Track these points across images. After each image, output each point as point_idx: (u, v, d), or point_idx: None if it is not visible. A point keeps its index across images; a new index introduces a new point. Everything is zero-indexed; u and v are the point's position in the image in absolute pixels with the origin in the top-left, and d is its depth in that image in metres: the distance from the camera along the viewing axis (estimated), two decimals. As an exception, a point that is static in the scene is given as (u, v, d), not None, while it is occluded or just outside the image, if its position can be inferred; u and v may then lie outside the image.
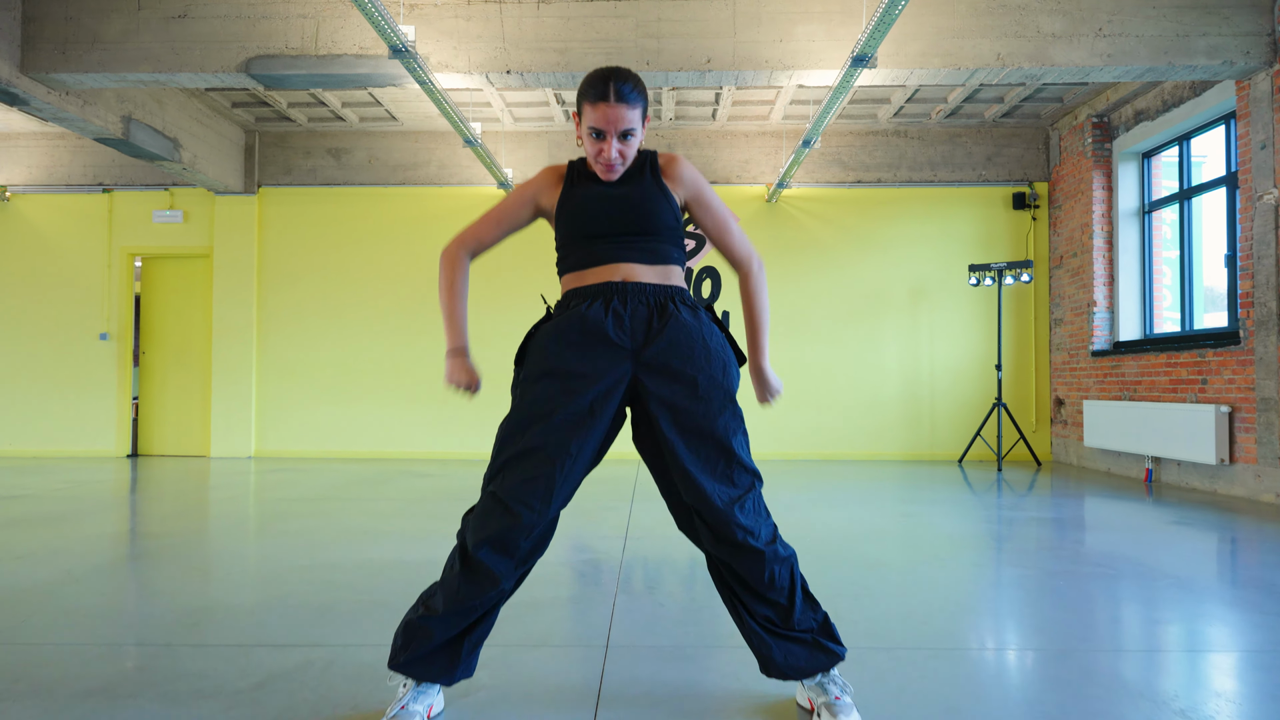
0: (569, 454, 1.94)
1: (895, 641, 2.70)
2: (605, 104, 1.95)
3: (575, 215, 2.05)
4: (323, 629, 2.82)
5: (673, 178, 2.07)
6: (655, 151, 2.12)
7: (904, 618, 2.98)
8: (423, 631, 1.97)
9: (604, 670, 2.42)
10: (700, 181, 2.10)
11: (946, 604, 3.19)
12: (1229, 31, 5.90)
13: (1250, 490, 6.07)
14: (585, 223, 2.03)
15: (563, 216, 2.07)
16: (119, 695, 2.22)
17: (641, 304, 2.00)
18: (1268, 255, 5.93)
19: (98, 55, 6.03)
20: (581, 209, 2.04)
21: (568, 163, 2.14)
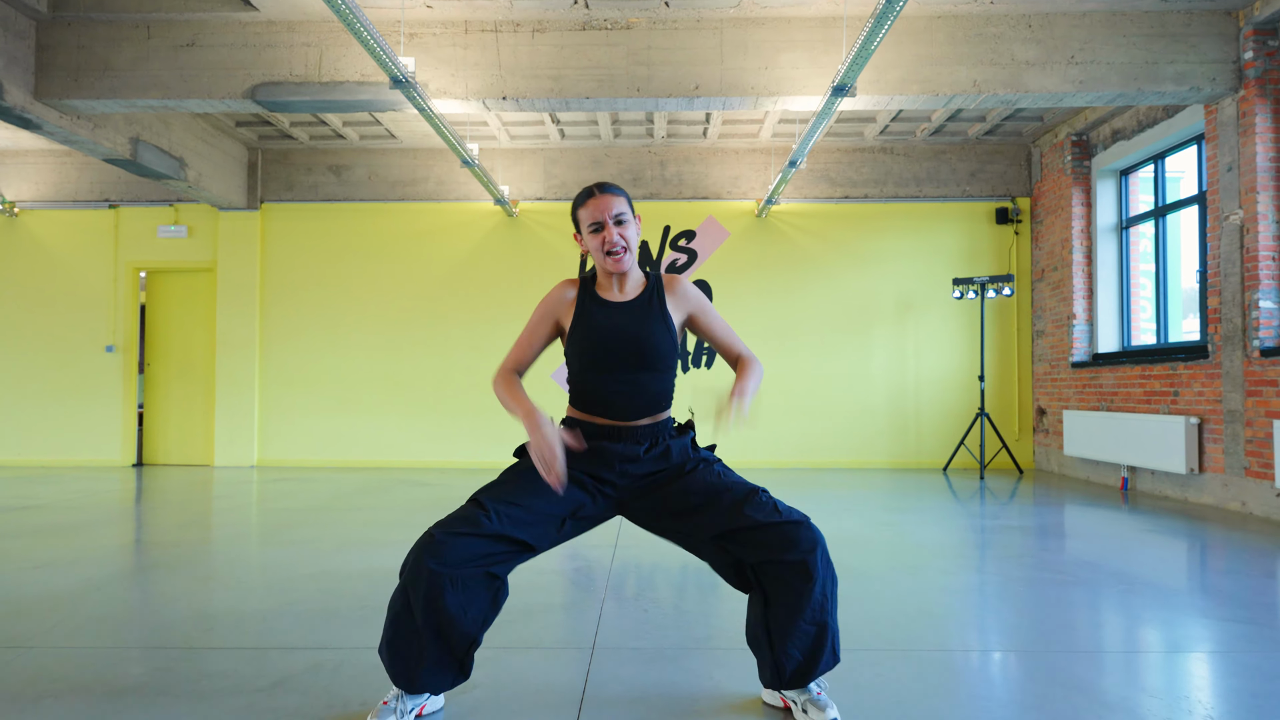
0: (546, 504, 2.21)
1: (862, 644, 2.92)
2: (594, 198, 2.27)
3: (586, 348, 2.29)
4: (330, 633, 3.05)
5: (675, 294, 2.36)
6: (660, 275, 2.40)
7: (872, 622, 3.21)
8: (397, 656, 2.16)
9: (589, 671, 2.65)
10: (701, 298, 2.40)
11: (913, 609, 3.42)
12: (1196, 59, 6.15)
13: (1218, 499, 6.31)
14: (596, 357, 2.28)
15: (575, 342, 2.31)
16: (151, 693, 2.45)
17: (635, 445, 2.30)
18: (1233, 273, 6.18)
19: (109, 82, 6.27)
20: (591, 342, 2.29)
21: (580, 279, 2.39)
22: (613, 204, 2.26)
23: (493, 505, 2.15)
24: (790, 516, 2.21)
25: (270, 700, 2.38)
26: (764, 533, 2.18)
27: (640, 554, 4.49)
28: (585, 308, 2.32)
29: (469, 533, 2.10)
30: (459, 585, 2.09)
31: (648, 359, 2.29)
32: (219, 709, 2.31)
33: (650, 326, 2.30)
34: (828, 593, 2.22)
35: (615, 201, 2.27)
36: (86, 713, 2.30)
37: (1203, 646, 2.94)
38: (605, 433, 2.30)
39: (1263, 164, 5.94)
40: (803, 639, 2.20)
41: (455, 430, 9.30)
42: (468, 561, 2.10)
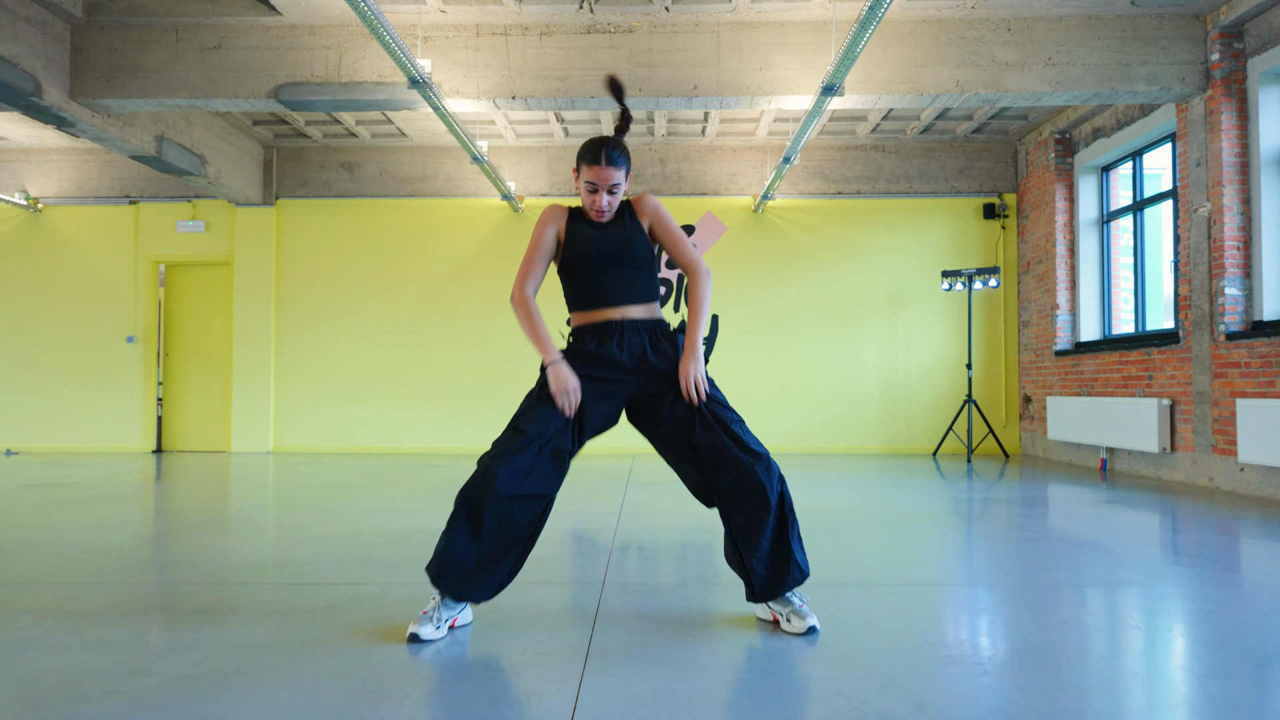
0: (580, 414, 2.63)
1: (847, 580, 3.29)
2: (598, 166, 2.63)
3: (578, 250, 2.70)
4: (368, 573, 3.42)
5: (640, 211, 2.75)
6: (629, 199, 2.78)
7: (857, 565, 3.58)
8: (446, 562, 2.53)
9: (600, 598, 3.02)
10: (659, 208, 2.76)
11: (895, 556, 3.79)
12: (1166, 61, 6.52)
13: (1188, 475, 6.68)
14: (586, 257, 2.68)
15: (569, 249, 2.71)
16: (221, 614, 2.82)
17: (637, 338, 2.69)
18: (1201, 263, 6.55)
19: (139, 83, 6.63)
20: (582, 246, 2.69)
21: (568, 208, 2.78)
22: (611, 177, 2.63)
23: (528, 425, 2.54)
24: (753, 448, 2.59)
25: (324, 619, 2.75)
26: (729, 458, 2.57)
27: (643, 519, 4.85)
28: (576, 226, 2.72)
29: (519, 448, 2.50)
30: (516, 503, 2.49)
31: (630, 258, 2.68)
32: (281, 625, 2.68)
33: (629, 235, 2.70)
34: (785, 513, 2.62)
35: (614, 175, 2.63)
36: (168, 627, 2.67)
37: (1138, 580, 3.30)
38: (609, 330, 2.66)
39: (1228, 159, 6.31)
40: (764, 556, 2.60)
41: (463, 416, 9.67)
42: (522, 479, 2.49)
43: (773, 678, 2.22)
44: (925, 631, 2.65)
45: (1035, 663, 2.34)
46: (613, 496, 5.83)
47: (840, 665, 2.30)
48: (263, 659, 2.34)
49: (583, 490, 6.08)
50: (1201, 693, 2.13)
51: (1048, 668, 2.30)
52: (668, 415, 2.66)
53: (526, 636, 2.59)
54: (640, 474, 7.27)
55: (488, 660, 2.37)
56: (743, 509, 2.60)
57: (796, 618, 2.58)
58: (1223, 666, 2.30)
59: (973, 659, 2.37)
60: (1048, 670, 2.28)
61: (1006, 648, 2.49)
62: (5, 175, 9.87)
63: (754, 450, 2.60)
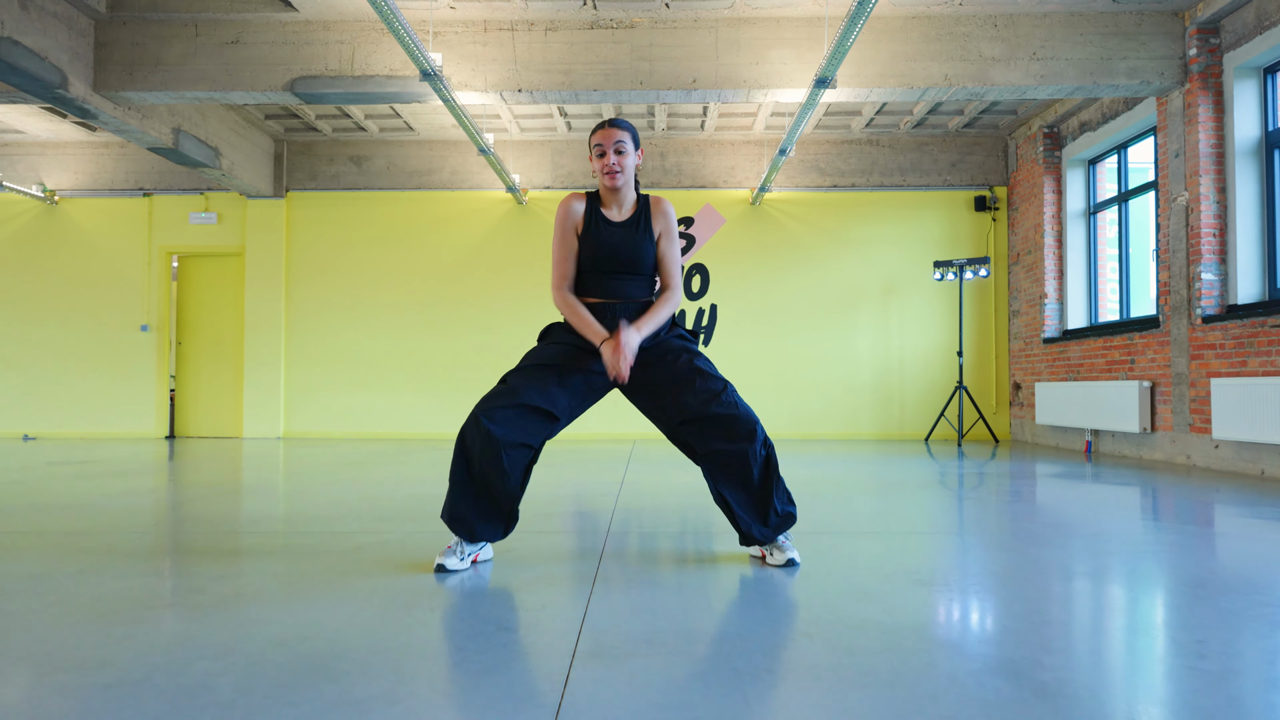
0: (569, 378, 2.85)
1: (837, 529, 3.56)
2: (603, 129, 2.90)
3: (591, 253, 2.92)
4: (392, 523, 3.70)
5: (656, 214, 2.97)
6: (649, 196, 3.01)
7: (848, 517, 3.85)
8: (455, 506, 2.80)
9: (605, 542, 3.30)
10: (672, 220, 2.99)
11: (883, 511, 4.06)
12: (1146, 55, 6.80)
13: (1168, 454, 6.96)
14: (597, 260, 2.91)
15: (583, 247, 2.93)
16: (260, 554, 3.09)
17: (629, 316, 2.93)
18: (1180, 249, 6.82)
19: (160, 76, 6.91)
20: (596, 250, 2.91)
21: (586, 194, 2.98)
22: (616, 135, 2.88)
23: (518, 382, 2.78)
24: (737, 412, 2.80)
25: (355, 557, 3.02)
26: (713, 428, 2.80)
27: (644, 491, 5.12)
28: (592, 223, 2.92)
29: (507, 404, 2.74)
30: (505, 449, 2.71)
31: (636, 266, 2.93)
32: (317, 562, 2.95)
33: (640, 245, 2.93)
34: (770, 473, 2.84)
35: (619, 134, 2.88)
36: (212, 563, 2.94)
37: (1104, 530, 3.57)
38: (603, 311, 2.89)
39: (1204, 150, 6.58)
40: (750, 510, 2.86)
41: (468, 403, 9.91)
42: (510, 428, 2.71)
43: (761, 594, 2.50)
44: (901, 564, 2.92)
45: (997, 584, 2.62)
46: (615, 471, 6.10)
47: (823, 586, 2.58)
48: (305, 583, 2.62)
49: (586, 467, 6.36)
50: (1140, 605, 2.41)
51: (1007, 587, 2.57)
52: (656, 386, 2.88)
53: (541, 567, 2.86)
54: (641, 455, 7.55)
55: (506, 583, 2.64)
56: (728, 472, 2.84)
57: (778, 551, 2.85)
58: (1163, 585, 2.58)
59: (941, 582, 2.65)
60: (1008, 589, 2.55)
61: (973, 574, 2.77)
62: (23, 168, 10.14)
63: (741, 418, 2.79)
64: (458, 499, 2.80)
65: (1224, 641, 2.02)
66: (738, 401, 2.85)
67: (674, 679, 1.77)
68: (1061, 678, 1.78)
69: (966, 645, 2.02)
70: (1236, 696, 1.69)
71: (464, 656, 1.94)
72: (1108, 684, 1.76)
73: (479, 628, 2.15)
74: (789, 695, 1.69)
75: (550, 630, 2.13)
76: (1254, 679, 1.79)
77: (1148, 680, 1.83)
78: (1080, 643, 2.08)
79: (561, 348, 2.88)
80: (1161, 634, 2.13)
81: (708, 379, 2.85)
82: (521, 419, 2.75)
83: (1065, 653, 1.95)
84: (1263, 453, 5.93)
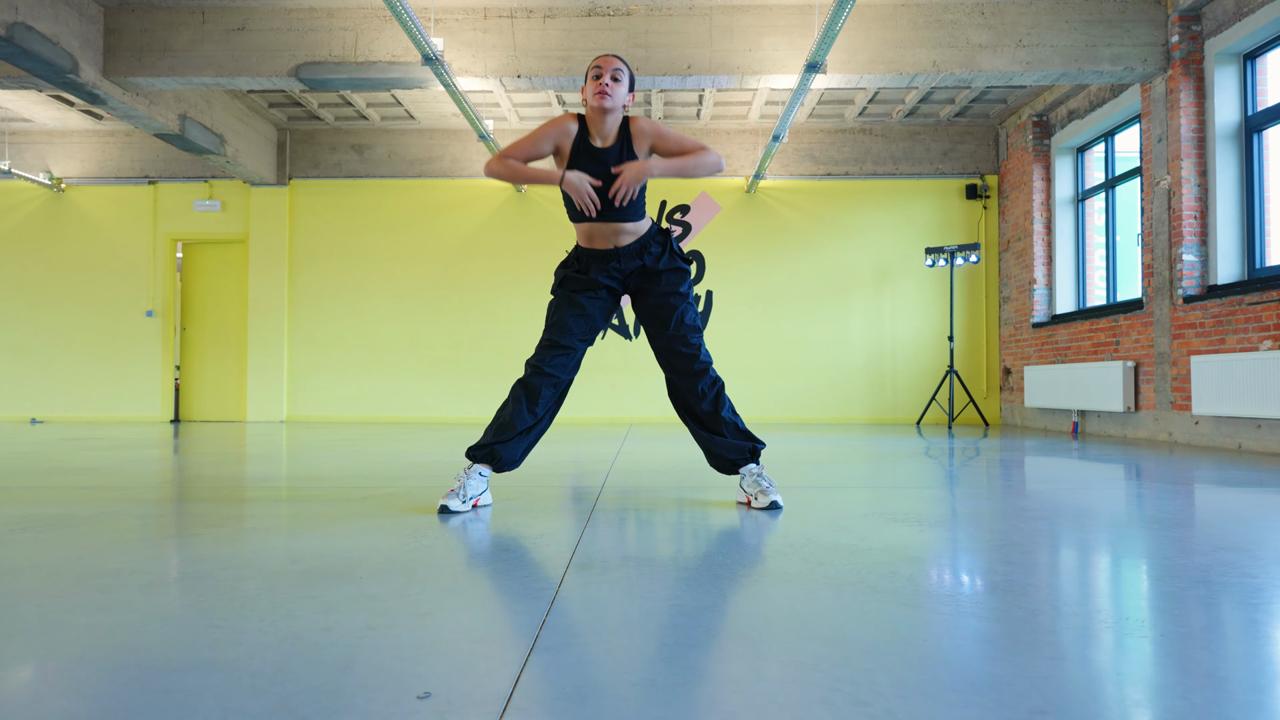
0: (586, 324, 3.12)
1: (829, 484, 3.73)
2: (602, 56, 3.03)
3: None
4: (396, 480, 3.87)
5: (637, 134, 3.08)
6: (628, 118, 3.10)
7: (838, 476, 4.02)
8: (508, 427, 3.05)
9: (602, 490, 3.47)
10: (657, 126, 3.09)
11: (871, 474, 4.24)
12: (1130, 42, 6.97)
13: (1150, 431, 7.14)
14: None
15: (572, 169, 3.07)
16: (267, 501, 3.27)
17: (631, 260, 3.11)
18: (1163, 232, 7.00)
19: (168, 61, 7.07)
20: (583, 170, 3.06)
21: (578, 116, 3.09)
22: (615, 63, 3.01)
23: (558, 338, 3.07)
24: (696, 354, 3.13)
25: (361, 505, 3.19)
26: (677, 359, 3.13)
27: (639, 458, 5.30)
28: (580, 150, 3.05)
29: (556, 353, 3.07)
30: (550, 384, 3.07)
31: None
32: (323, 508, 3.12)
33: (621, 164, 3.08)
34: (718, 407, 3.15)
35: (618, 63, 3.01)
36: (225, 507, 3.11)
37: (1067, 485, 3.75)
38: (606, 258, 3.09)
39: (1186, 135, 6.75)
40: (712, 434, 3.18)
41: (468, 387, 10.11)
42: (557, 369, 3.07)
43: (745, 528, 2.67)
44: (879, 508, 3.10)
45: (968, 522, 2.79)
46: (611, 445, 6.28)
47: (802, 522, 2.75)
48: (316, 521, 2.79)
49: (583, 442, 6.53)
50: (1090, 536, 2.58)
51: (977, 524, 2.75)
52: (650, 317, 3.16)
53: (539, 507, 3.03)
54: (637, 433, 7.72)
55: (506, 520, 2.81)
56: (682, 393, 3.21)
57: (762, 495, 3.04)
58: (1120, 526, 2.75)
59: (914, 519, 2.82)
60: (978, 525, 2.73)
61: (947, 515, 2.94)
62: (30, 156, 10.31)
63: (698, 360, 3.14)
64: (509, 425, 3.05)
65: (1174, 563, 2.20)
66: (700, 345, 3.15)
67: (659, 583, 1.94)
68: (1017, 578, 1.95)
69: (929, 559, 2.19)
70: (1182, 600, 1.86)
71: (467, 568, 2.11)
72: (1063, 582, 1.93)
73: (481, 548, 2.33)
74: (764, 593, 1.86)
75: (547, 550, 2.30)
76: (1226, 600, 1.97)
77: (1099, 580, 2.00)
78: (1041, 558, 2.25)
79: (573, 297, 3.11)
80: (1114, 551, 2.31)
81: (685, 329, 3.13)
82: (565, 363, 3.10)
83: (1024, 565, 2.12)
84: (1240, 427, 6.11)
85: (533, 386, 3.06)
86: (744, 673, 1.34)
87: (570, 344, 3.09)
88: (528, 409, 3.05)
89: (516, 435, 3.06)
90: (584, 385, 9.77)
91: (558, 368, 3.08)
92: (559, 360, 3.08)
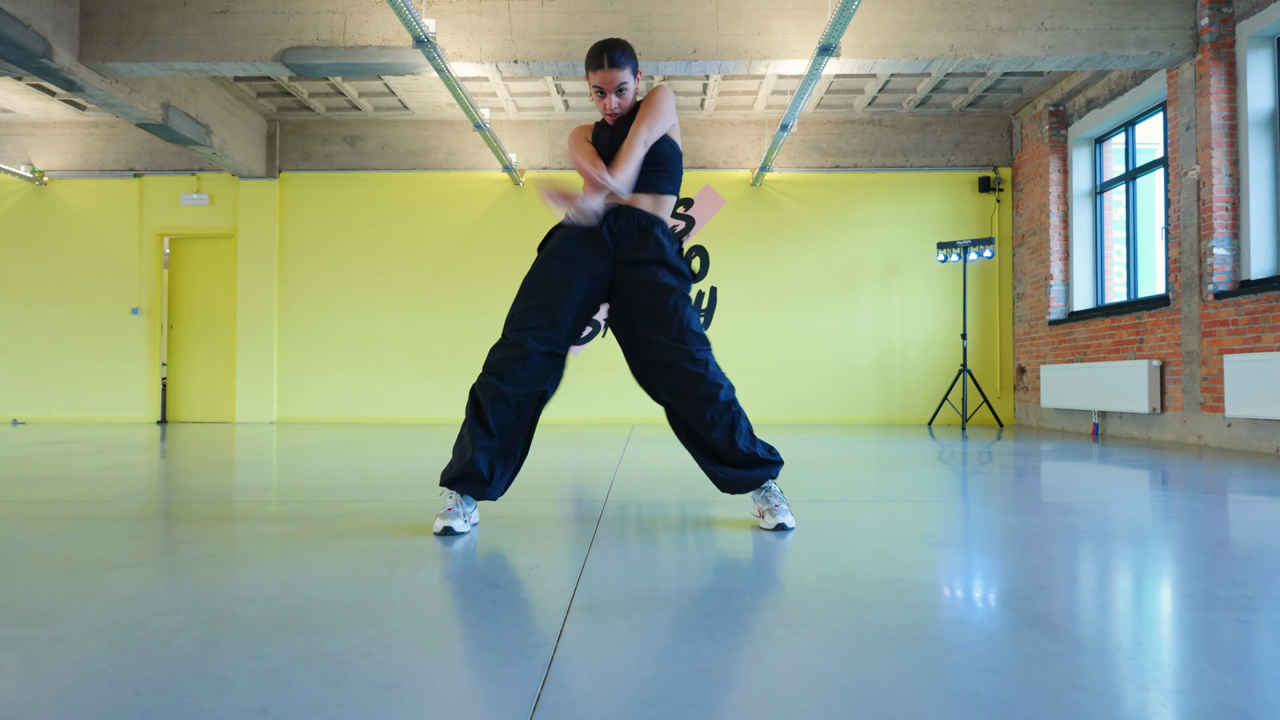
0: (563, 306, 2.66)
1: (844, 498, 3.41)
2: (601, 70, 2.69)
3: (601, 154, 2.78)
4: (379, 493, 3.54)
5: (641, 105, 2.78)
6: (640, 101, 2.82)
7: (855, 487, 3.70)
8: (463, 447, 2.67)
9: (604, 506, 3.14)
10: (650, 98, 2.72)
11: (888, 483, 3.91)
12: (1157, 25, 6.63)
13: (1178, 434, 6.81)
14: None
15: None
16: (239, 519, 2.94)
17: (630, 224, 2.72)
18: (1191, 224, 6.66)
19: (148, 46, 6.73)
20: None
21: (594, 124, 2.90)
22: (615, 79, 2.69)
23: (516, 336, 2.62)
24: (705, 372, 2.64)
25: (343, 522, 2.86)
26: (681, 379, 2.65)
27: (642, 465, 4.97)
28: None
29: (513, 358, 2.61)
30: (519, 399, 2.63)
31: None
32: (305, 525, 2.79)
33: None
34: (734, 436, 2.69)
35: (618, 76, 2.69)
36: (188, 526, 2.78)
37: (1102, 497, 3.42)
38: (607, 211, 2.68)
39: (1216, 122, 6.42)
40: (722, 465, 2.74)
41: (464, 387, 9.75)
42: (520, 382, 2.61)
43: (765, 554, 2.34)
44: (917, 525, 2.77)
45: (1014, 546, 2.46)
46: (613, 450, 5.95)
47: (831, 547, 2.42)
48: (282, 546, 2.46)
49: (584, 446, 6.20)
50: (1170, 565, 2.26)
51: (1025, 548, 2.42)
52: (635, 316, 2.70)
53: (534, 530, 2.71)
54: (639, 437, 7.39)
55: (497, 545, 2.48)
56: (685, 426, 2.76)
57: (770, 515, 2.70)
58: (1191, 547, 2.43)
59: (959, 542, 2.49)
60: (1027, 549, 2.40)
61: (988, 536, 2.61)
62: (11, 148, 9.97)
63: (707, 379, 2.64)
64: (468, 453, 2.64)
65: (1261, 594, 1.87)
66: (709, 360, 2.69)
67: (678, 633, 1.61)
68: (1102, 631, 1.62)
69: (995, 601, 1.87)
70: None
71: (449, 612, 1.79)
72: (1153, 638, 1.61)
73: (466, 585, 2.00)
74: (807, 649, 1.53)
75: (543, 587, 1.98)
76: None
77: (1193, 633, 1.68)
78: (1117, 599, 1.93)
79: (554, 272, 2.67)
80: (1199, 588, 1.98)
81: (689, 335, 2.69)
82: (529, 368, 2.63)
83: (1102, 609, 1.80)
84: (1278, 430, 5.78)
85: (479, 402, 2.64)
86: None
87: (520, 342, 2.60)
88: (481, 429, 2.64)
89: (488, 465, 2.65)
90: (584, 385, 9.44)
91: (506, 378, 2.60)
92: (507, 366, 2.61)
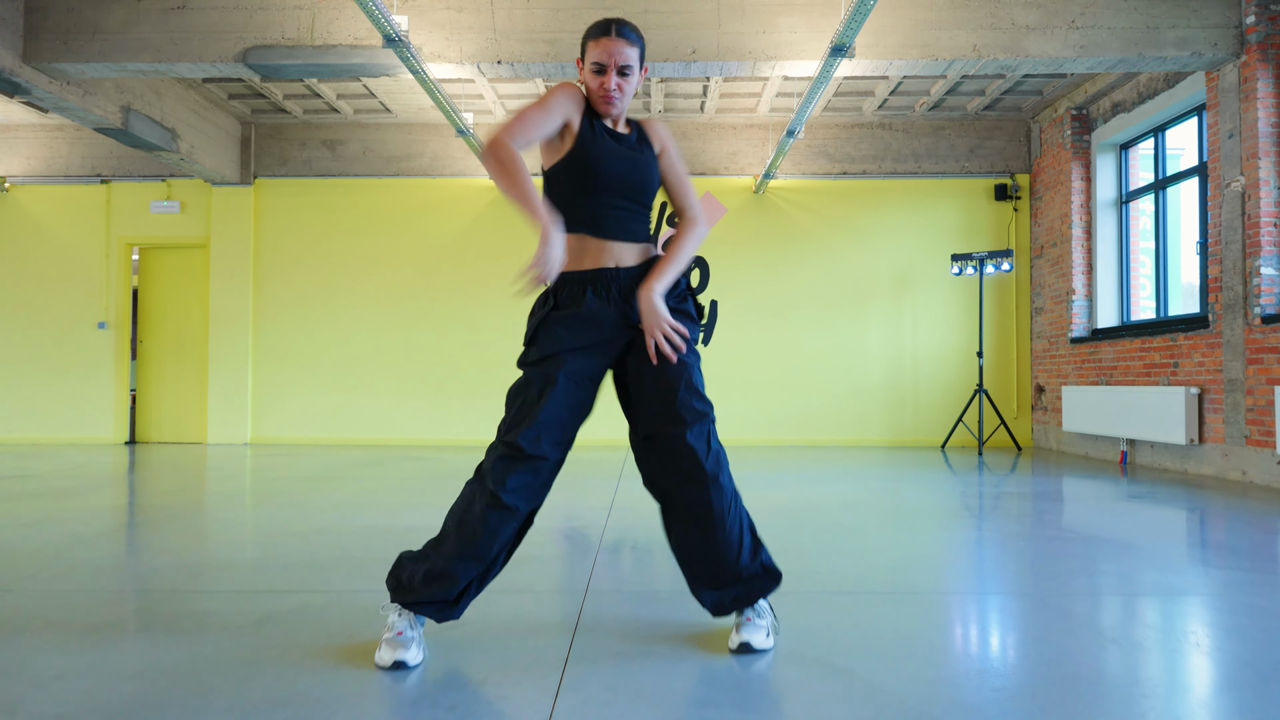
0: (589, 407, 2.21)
1: (860, 588, 2.87)
2: (607, 38, 2.15)
3: (596, 159, 2.18)
4: (319, 578, 3.00)
5: (651, 135, 2.31)
6: (639, 121, 2.33)
7: (870, 569, 3.16)
8: (446, 576, 2.12)
9: (582, 609, 2.60)
10: (671, 138, 2.34)
11: (911, 558, 3.37)
12: (1198, 24, 6.08)
13: (1218, 469, 6.27)
14: (602, 173, 2.18)
15: (583, 149, 2.19)
16: (128, 631, 2.39)
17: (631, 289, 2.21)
18: (1234, 241, 6.12)
19: (99, 45, 6.18)
20: (601, 156, 2.19)
21: (582, 87, 2.26)
22: (623, 52, 2.16)
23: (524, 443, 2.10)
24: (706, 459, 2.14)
25: (254, 635, 2.32)
26: (679, 458, 2.14)
27: (633, 515, 4.43)
28: (594, 129, 2.22)
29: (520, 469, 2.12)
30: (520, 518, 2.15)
31: (642, 191, 2.25)
32: (199, 644, 2.25)
33: (648, 163, 2.27)
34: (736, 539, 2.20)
35: (626, 51, 2.17)
36: (60, 648, 2.24)
37: (1200, 590, 2.88)
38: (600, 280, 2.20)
39: (1264, 129, 5.88)
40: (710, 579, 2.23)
41: (450, 407, 9.24)
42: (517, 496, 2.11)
43: (806, 686, 1.80)
44: (947, 644, 2.23)
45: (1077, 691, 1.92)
46: (603, 490, 5.41)
47: (849, 688, 1.88)
48: (165, 689, 1.91)
49: (573, 483, 5.65)
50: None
51: (1094, 690, 1.88)
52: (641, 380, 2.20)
53: (502, 639, 2.16)
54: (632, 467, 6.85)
55: (452, 670, 1.94)
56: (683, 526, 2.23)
57: (740, 629, 2.20)
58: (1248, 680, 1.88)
59: (1018, 690, 1.95)
60: (1093, 693, 1.86)
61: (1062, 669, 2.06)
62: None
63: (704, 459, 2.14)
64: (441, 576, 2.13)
65: None
66: (710, 434, 2.18)
67: None
68: None
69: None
70: None
71: None
72: None
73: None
74: None
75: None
76: None
77: None
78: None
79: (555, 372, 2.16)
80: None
81: (694, 397, 2.17)
82: (550, 477, 2.18)
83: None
84: (1336, 471, 5.24)
85: (485, 520, 2.11)
86: None
87: (540, 453, 2.11)
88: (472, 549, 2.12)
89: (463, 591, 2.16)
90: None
91: (520, 493, 2.12)
92: (522, 480, 2.12)
